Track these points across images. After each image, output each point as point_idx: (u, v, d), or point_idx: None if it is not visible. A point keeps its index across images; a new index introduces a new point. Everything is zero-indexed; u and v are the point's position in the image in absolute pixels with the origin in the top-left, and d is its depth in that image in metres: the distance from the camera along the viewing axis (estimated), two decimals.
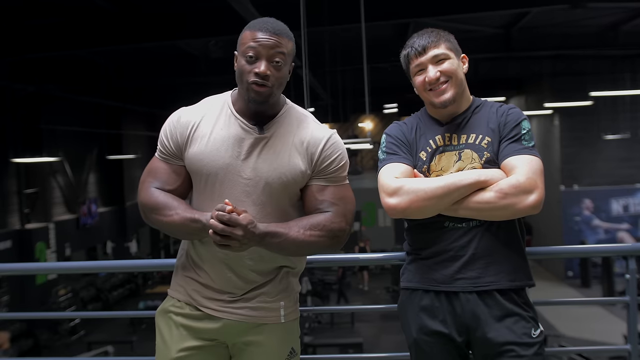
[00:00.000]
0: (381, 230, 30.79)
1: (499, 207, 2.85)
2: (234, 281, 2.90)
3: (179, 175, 2.94)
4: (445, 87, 2.99)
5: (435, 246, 2.98)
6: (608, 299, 7.19)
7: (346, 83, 20.33)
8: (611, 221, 24.00)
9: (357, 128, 33.87)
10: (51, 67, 17.61)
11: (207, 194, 2.88)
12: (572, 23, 16.27)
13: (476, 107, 3.08)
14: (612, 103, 22.06)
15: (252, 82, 2.77)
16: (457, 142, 3.02)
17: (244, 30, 2.84)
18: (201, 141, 2.87)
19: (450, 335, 2.94)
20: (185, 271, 2.99)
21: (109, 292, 23.02)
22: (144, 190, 2.92)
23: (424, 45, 2.99)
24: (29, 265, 9.70)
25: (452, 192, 2.87)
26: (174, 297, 2.99)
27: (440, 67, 2.98)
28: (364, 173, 29.88)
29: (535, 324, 2.93)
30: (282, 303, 2.98)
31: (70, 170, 22.95)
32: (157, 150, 2.98)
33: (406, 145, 3.09)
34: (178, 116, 2.95)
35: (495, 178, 2.88)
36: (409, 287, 3.09)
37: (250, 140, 2.86)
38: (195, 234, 2.82)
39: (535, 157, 2.93)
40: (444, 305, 2.96)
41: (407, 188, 2.92)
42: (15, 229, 19.67)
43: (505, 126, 2.98)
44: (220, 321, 2.90)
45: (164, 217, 2.83)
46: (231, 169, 2.84)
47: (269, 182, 2.86)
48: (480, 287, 2.91)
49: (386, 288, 23.08)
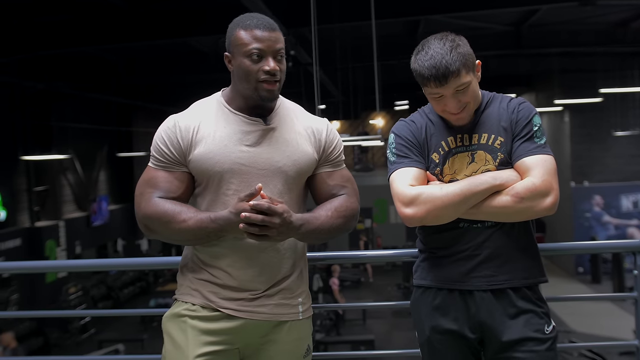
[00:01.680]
0: (392, 227, 30.71)
1: (515, 211, 2.84)
2: (257, 277, 2.87)
3: (182, 182, 2.89)
4: (464, 114, 2.92)
5: (450, 245, 2.97)
6: (615, 295, 7.20)
7: (357, 80, 20.31)
8: (621, 217, 23.94)
9: (367, 125, 33.82)
10: (61, 65, 17.64)
11: (222, 192, 2.84)
12: (582, 20, 16.24)
13: (486, 104, 3.03)
14: (622, 100, 21.99)
15: (263, 81, 2.78)
16: (469, 143, 2.98)
17: (234, 30, 2.83)
18: (207, 141, 2.84)
19: (463, 333, 2.94)
20: (196, 274, 2.93)
21: (120, 290, 23.04)
22: (146, 202, 2.84)
23: (444, 75, 2.78)
24: (39, 263, 9.71)
25: (468, 198, 2.85)
26: (187, 301, 2.90)
27: (462, 97, 2.86)
28: (375, 170, 29.79)
29: (548, 320, 2.93)
30: (300, 299, 2.99)
31: (80, 167, 22.97)
32: (153, 160, 2.91)
33: (417, 146, 3.03)
34: (174, 122, 2.89)
35: (511, 181, 2.86)
36: (422, 284, 3.08)
37: (258, 132, 2.87)
38: (213, 235, 2.78)
39: (549, 155, 2.90)
40: (458, 303, 2.95)
41: (424, 198, 2.87)
42: (25, 227, 19.67)
43: (517, 124, 2.94)
44: (241, 320, 2.86)
45: (177, 224, 2.77)
46: (244, 161, 2.83)
47: (285, 170, 2.88)
48: (494, 285, 2.90)
49: (397, 285, 23.04)
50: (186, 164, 2.87)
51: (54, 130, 20.24)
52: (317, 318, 17.59)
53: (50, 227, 20.38)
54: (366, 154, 31.75)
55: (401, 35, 17.01)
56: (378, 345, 16.04)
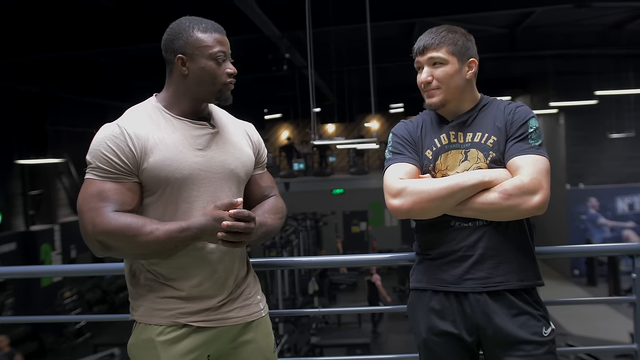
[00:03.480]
0: (388, 230, 30.73)
1: (502, 207, 2.84)
2: (222, 283, 2.85)
3: (134, 193, 2.74)
4: (434, 91, 2.99)
5: (443, 246, 2.98)
6: (615, 299, 7.19)
7: (352, 83, 20.29)
8: (617, 219, 23.97)
9: (363, 128, 33.83)
10: (56, 68, 17.58)
11: (182, 199, 2.78)
12: (577, 22, 16.26)
13: (483, 106, 3.07)
14: (617, 102, 22.01)
15: (229, 83, 2.81)
16: (462, 140, 3.01)
17: (190, 32, 2.80)
18: (160, 148, 2.74)
19: (460, 336, 2.94)
20: (157, 292, 2.81)
21: (115, 294, 22.98)
22: (101, 217, 2.64)
23: (424, 45, 3.00)
24: (33, 268, 9.68)
25: (455, 193, 2.87)
26: (152, 323, 2.80)
27: (434, 71, 2.98)
28: (371, 173, 29.81)
29: (546, 323, 2.93)
30: (259, 297, 3.02)
31: (75, 171, 22.90)
32: (98, 172, 2.73)
33: (412, 144, 3.08)
34: (121, 130, 2.74)
35: (500, 178, 2.88)
36: (418, 287, 3.09)
37: (207, 136, 2.85)
38: (182, 245, 2.69)
39: (541, 156, 2.92)
40: (454, 305, 2.95)
41: (410, 189, 2.92)
42: (20, 231, 19.66)
43: (512, 125, 2.97)
44: (212, 330, 2.83)
45: (144, 237, 2.62)
46: (201, 166, 2.80)
47: (237, 173, 2.90)
48: (489, 287, 2.91)
49: (393, 288, 23.06)
50: (138, 173, 2.74)
51: (49, 134, 20.22)
52: (313, 321, 17.60)
53: (45, 231, 20.34)
54: (361, 157, 31.70)
55: (396, 38, 17.02)
56: (373, 349, 16.06)
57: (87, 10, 12.93)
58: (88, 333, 20.04)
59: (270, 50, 13.86)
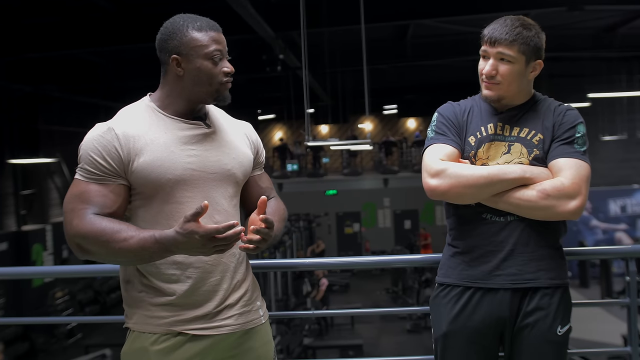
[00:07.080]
0: (381, 231, 30.73)
1: (538, 207, 2.83)
2: (219, 284, 2.75)
3: (118, 195, 2.65)
4: (493, 86, 2.96)
5: (473, 239, 2.98)
6: (609, 301, 7.21)
7: (346, 84, 20.31)
8: (609, 222, 24.00)
9: (356, 129, 33.81)
10: (49, 67, 17.57)
11: (174, 201, 2.69)
12: (570, 25, 16.32)
13: (535, 102, 3.07)
14: (610, 104, 22.06)
15: (226, 82, 2.74)
16: (508, 133, 3.00)
17: (184, 31, 2.70)
18: (150, 148, 2.65)
19: (482, 331, 2.95)
20: (151, 299, 2.71)
21: (107, 295, 22.92)
22: (79, 219, 2.57)
23: (497, 38, 2.96)
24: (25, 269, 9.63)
25: (495, 183, 2.86)
26: (146, 331, 2.71)
27: (500, 66, 2.95)
28: (364, 174, 29.83)
29: (563, 321, 2.93)
30: (258, 303, 2.92)
31: (67, 171, 22.82)
32: (83, 173, 2.65)
33: (456, 127, 3.05)
34: (108, 131, 2.66)
35: (541, 177, 2.87)
36: (445, 282, 3.08)
37: (201, 136, 2.76)
38: (156, 256, 2.56)
39: (585, 162, 2.91)
40: (480, 300, 2.95)
41: (450, 172, 2.89)
42: (12, 231, 19.59)
43: (560, 127, 2.98)
44: (209, 339, 2.73)
45: (117, 244, 2.51)
46: (194, 166, 2.70)
47: (234, 173, 2.82)
48: (518, 284, 2.91)
49: (386, 289, 23.07)
50: (125, 175, 2.66)
51: (41, 133, 20.19)
52: (305, 322, 17.58)
53: (37, 231, 20.26)
54: (355, 158, 31.70)
55: (390, 40, 17.01)
56: (366, 350, 16.05)
57: (81, 9, 12.92)
58: (79, 334, 19.98)
59: (264, 51, 13.88)
